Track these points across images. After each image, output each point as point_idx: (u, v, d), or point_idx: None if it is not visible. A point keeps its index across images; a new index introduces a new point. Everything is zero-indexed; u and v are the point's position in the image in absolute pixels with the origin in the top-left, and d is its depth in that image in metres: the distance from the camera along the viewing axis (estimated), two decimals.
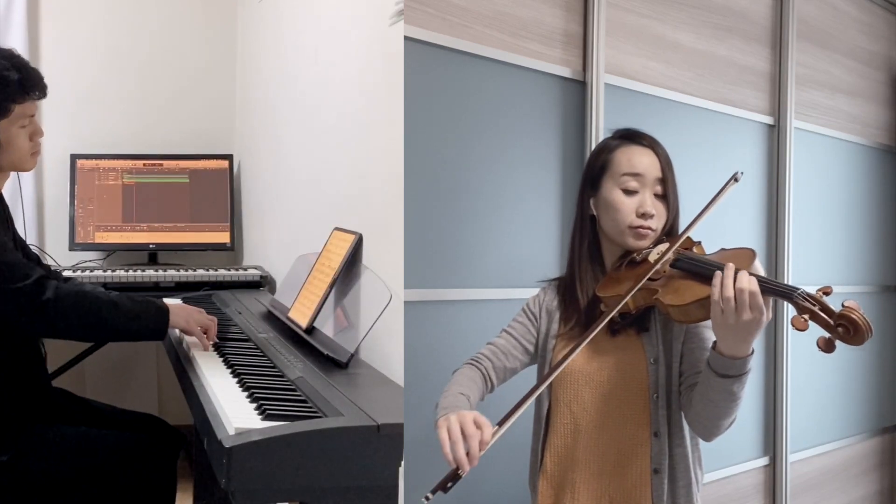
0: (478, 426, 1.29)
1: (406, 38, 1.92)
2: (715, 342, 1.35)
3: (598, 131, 2.31)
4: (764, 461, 2.97)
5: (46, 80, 2.09)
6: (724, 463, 2.78)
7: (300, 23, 2.74)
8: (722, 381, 1.34)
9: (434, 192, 2.05)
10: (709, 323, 1.38)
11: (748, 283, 1.28)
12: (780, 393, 2.96)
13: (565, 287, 1.62)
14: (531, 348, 1.63)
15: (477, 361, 1.61)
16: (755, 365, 1.36)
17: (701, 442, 1.55)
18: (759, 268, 1.37)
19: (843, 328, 1.25)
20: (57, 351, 2.37)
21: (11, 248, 1.97)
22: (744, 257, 1.38)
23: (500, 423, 1.32)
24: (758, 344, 2.90)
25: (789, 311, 2.91)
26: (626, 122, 1.66)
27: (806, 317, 1.28)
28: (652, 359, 1.51)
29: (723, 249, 1.48)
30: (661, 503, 1.49)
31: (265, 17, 3.23)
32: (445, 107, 2.06)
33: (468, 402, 1.46)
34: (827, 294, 1.29)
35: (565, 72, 2.30)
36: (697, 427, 1.47)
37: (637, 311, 1.48)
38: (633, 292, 1.42)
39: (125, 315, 1.94)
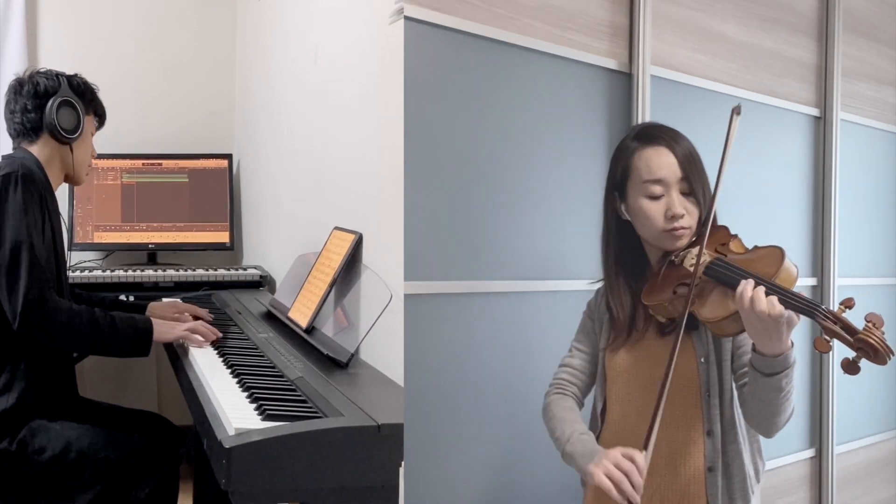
0: (629, 459, 1.34)
1: (445, 27, 1.94)
2: (753, 344, 1.35)
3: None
4: (810, 453, 2.97)
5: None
6: (770, 455, 2.75)
7: (300, 22, 2.74)
8: (768, 380, 1.34)
9: (469, 184, 2.04)
10: None
11: (767, 305, 1.28)
12: (826, 385, 2.96)
13: (606, 297, 1.63)
14: (599, 356, 1.65)
15: (563, 388, 1.64)
16: (801, 357, 1.36)
17: (759, 435, 1.55)
18: (790, 267, 1.37)
19: (862, 351, 1.26)
20: None
21: (44, 257, 2.00)
22: (773, 258, 1.39)
23: (645, 446, 1.36)
24: (803, 335, 2.93)
25: (834, 299, 2.93)
26: (671, 115, 1.65)
27: (828, 338, 1.28)
28: (702, 357, 1.51)
29: (756, 247, 1.46)
30: (715, 500, 1.50)
31: (265, 17, 3.23)
32: (485, 99, 2.06)
33: (594, 438, 1.50)
34: (849, 307, 1.29)
35: (611, 63, 2.30)
36: (756, 426, 1.47)
37: (681, 316, 1.47)
38: (686, 313, 1.41)
39: (107, 338, 2.00)
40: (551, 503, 2.17)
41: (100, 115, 2.34)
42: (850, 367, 1.28)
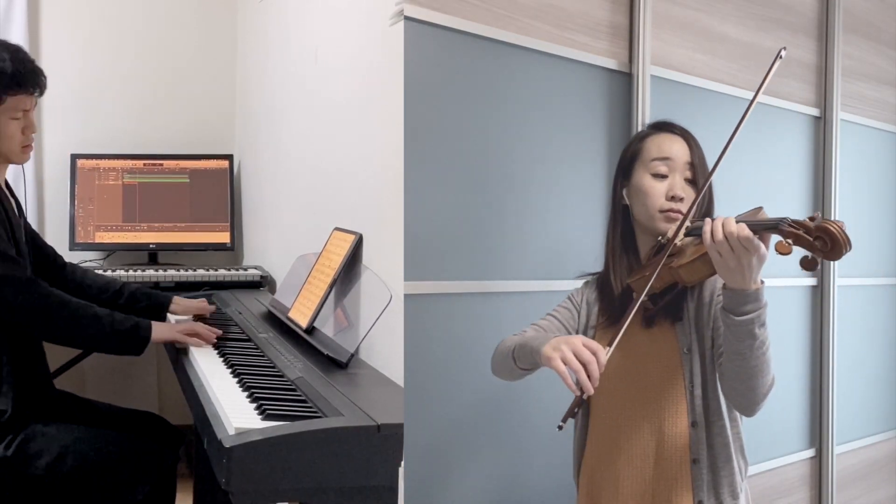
0: (591, 350, 1.34)
1: (445, 27, 1.94)
2: (724, 285, 1.36)
3: (644, 123, 2.29)
4: (810, 453, 2.98)
5: (47, 80, 2.12)
6: (770, 455, 2.79)
7: (301, 23, 2.74)
8: (741, 323, 1.33)
9: (469, 184, 2.04)
10: None
11: (736, 227, 1.32)
12: (826, 384, 2.96)
13: (602, 279, 1.64)
14: (573, 333, 1.64)
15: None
16: (800, 358, 1.36)
17: (743, 432, 1.55)
18: (766, 216, 1.41)
19: (820, 241, 1.29)
20: (57, 351, 2.36)
21: (4, 239, 1.99)
22: (752, 211, 1.43)
23: (609, 344, 1.39)
24: (803, 335, 2.92)
25: (834, 300, 2.93)
26: (671, 114, 1.68)
27: (790, 241, 1.32)
28: (685, 348, 1.52)
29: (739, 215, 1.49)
30: (701, 493, 1.49)
31: (265, 17, 3.23)
32: (485, 99, 2.06)
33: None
34: (813, 220, 1.33)
35: (611, 63, 2.30)
36: (735, 397, 1.45)
37: (662, 288, 1.49)
38: (657, 270, 1.44)
39: (104, 333, 1.99)
40: (550, 502, 2.17)
41: (23, 87, 2.06)
42: (808, 264, 1.32)
